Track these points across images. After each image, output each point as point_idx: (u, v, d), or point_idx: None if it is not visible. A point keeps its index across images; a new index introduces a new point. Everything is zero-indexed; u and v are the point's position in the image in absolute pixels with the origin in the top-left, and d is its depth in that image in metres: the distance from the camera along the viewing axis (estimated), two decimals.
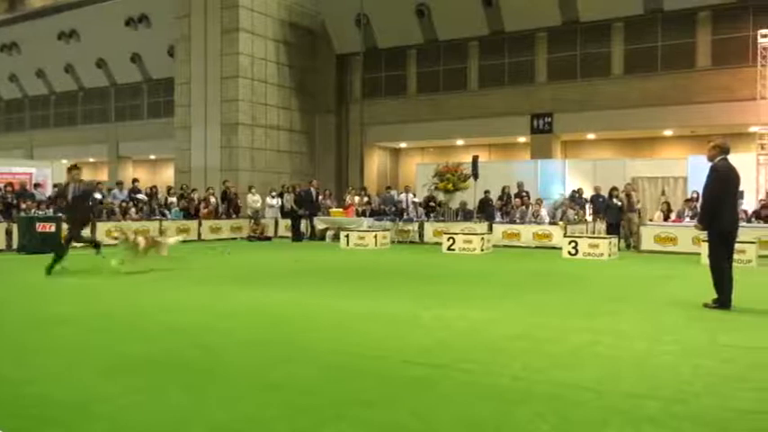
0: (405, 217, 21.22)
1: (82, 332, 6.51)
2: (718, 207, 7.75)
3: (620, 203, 17.72)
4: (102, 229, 18.30)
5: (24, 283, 10.59)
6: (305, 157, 29.95)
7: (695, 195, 17.66)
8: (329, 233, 20.79)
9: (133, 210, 19.72)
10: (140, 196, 20.78)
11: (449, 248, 16.77)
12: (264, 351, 5.66)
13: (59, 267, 11.10)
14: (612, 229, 17.50)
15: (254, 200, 23.01)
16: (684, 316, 7.40)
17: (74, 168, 12.38)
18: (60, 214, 15.89)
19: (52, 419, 3.85)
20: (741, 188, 8.76)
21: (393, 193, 23.32)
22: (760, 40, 19.93)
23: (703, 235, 8.72)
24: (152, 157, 37.43)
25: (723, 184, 7.75)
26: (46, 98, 39.32)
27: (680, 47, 23.73)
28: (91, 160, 39.37)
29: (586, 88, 25.12)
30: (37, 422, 3.82)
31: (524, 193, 20.61)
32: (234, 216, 22.70)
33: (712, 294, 7.86)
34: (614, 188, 18.21)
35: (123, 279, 10.86)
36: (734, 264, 8.05)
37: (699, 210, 9.29)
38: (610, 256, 14.95)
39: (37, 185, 20.89)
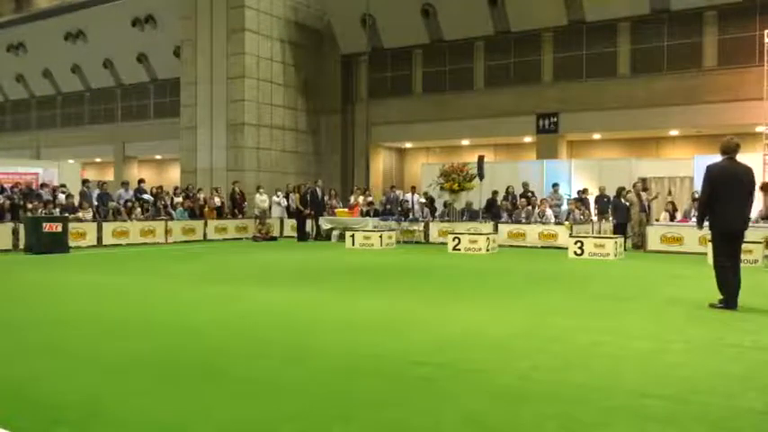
0: (410, 217, 21.22)
1: (89, 331, 6.53)
2: (712, 207, 7.80)
3: (627, 203, 17.67)
4: (108, 229, 18.39)
5: (31, 283, 10.65)
6: (310, 157, 29.99)
7: (696, 195, 17.69)
8: (335, 233, 20.81)
9: (138, 210, 19.78)
10: (146, 197, 20.83)
11: (454, 248, 16.77)
12: (271, 351, 5.68)
13: None
14: (620, 230, 17.46)
15: (261, 200, 23.06)
16: (690, 316, 7.39)
17: None
18: None
19: (60, 419, 3.87)
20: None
21: (398, 192, 23.32)
22: (766, 39, 19.85)
23: (710, 235, 8.73)
24: (158, 157, 37.56)
25: (714, 183, 7.79)
26: (52, 98, 39.47)
27: (686, 47, 23.66)
28: (97, 160, 39.55)
29: (592, 88, 25.07)
30: (44, 422, 3.84)
31: (530, 193, 20.59)
32: (239, 216, 22.76)
33: (719, 294, 7.86)
34: (622, 188, 18.17)
35: (132, 278, 10.91)
36: (741, 264, 8.04)
37: None
38: (616, 256, 14.92)
39: (43, 185, 20.96)
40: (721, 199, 7.75)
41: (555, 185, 21.24)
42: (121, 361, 5.25)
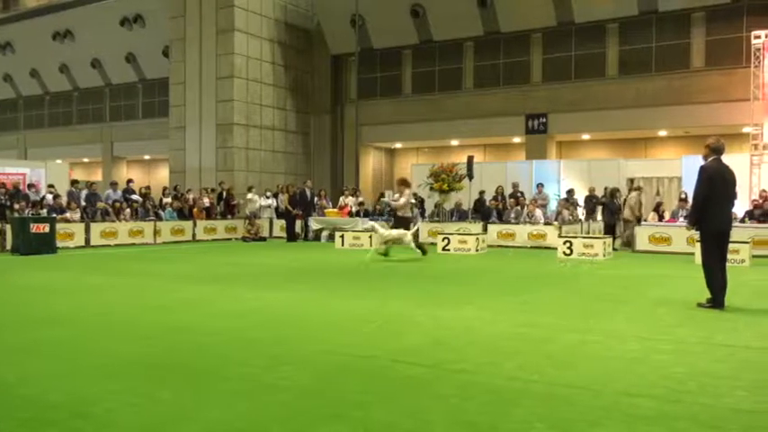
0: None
1: (77, 332, 6.49)
2: (706, 207, 7.79)
3: (632, 202, 17.75)
4: (96, 230, 18.29)
5: (18, 284, 10.56)
6: (300, 157, 29.95)
7: (684, 195, 17.84)
8: (324, 233, 20.77)
9: (127, 210, 19.66)
10: (135, 197, 20.71)
11: (444, 249, 16.78)
12: (260, 351, 5.65)
13: None
14: (610, 230, 17.54)
15: (252, 200, 22.99)
16: (678, 315, 7.42)
17: None
18: None
19: (47, 421, 3.84)
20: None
21: (387, 193, 23.32)
22: (753, 41, 20.00)
23: (697, 235, 8.76)
24: (147, 157, 37.38)
25: (711, 184, 7.77)
26: (40, 98, 39.21)
27: (674, 48, 23.81)
28: (85, 160, 39.31)
29: (581, 89, 25.18)
30: (32, 424, 3.80)
31: (519, 194, 20.65)
32: (229, 216, 22.69)
33: (706, 294, 7.90)
34: (615, 188, 18.26)
35: (120, 279, 10.84)
36: (727, 263, 8.08)
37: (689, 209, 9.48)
38: (605, 256, 14.98)
39: (31, 186, 20.80)
40: (714, 200, 7.76)
41: (539, 185, 21.33)
42: (110, 361, 5.21)
